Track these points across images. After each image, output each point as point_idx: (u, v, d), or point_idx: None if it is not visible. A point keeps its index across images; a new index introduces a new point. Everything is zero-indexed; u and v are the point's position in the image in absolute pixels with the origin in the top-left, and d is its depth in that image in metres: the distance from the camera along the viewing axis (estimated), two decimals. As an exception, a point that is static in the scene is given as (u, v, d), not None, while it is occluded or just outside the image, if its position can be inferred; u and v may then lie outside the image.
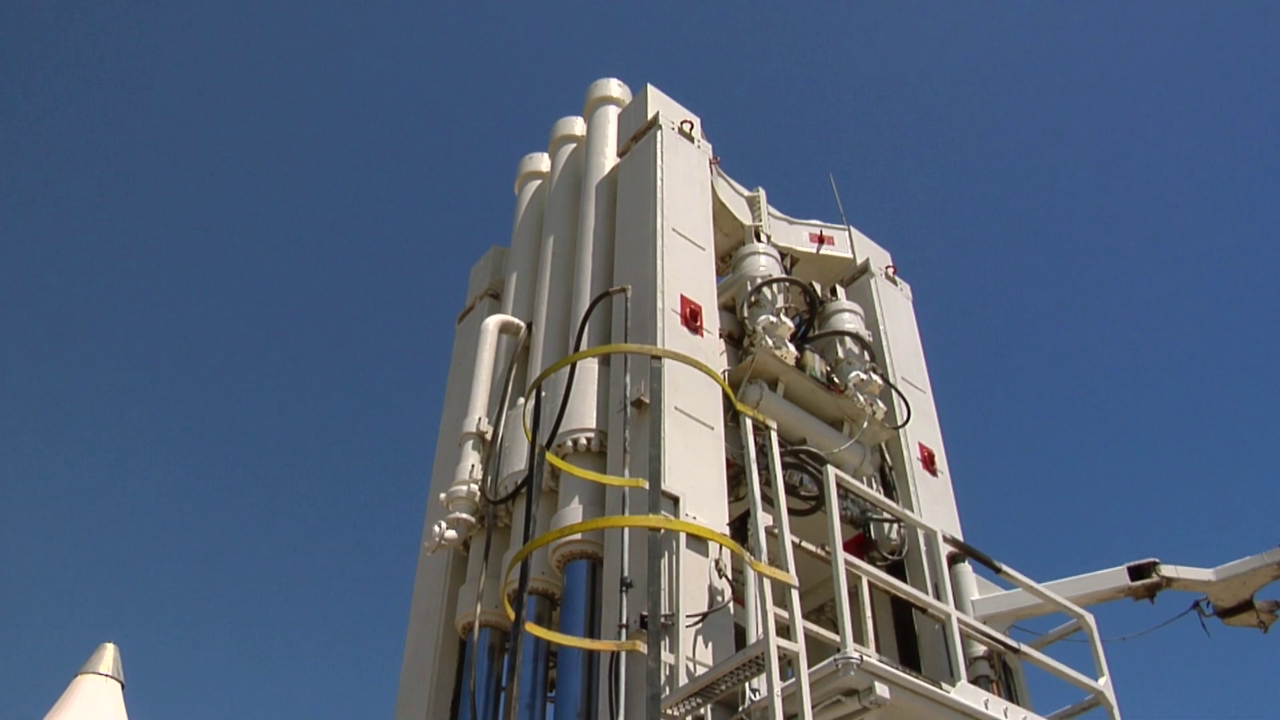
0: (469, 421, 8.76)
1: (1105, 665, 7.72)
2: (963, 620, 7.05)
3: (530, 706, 7.34)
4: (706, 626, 6.55)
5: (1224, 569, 8.12)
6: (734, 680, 5.90)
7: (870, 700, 5.85)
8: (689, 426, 7.45)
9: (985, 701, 6.57)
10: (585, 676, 6.94)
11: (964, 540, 8.62)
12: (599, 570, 7.23)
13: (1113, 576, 8.27)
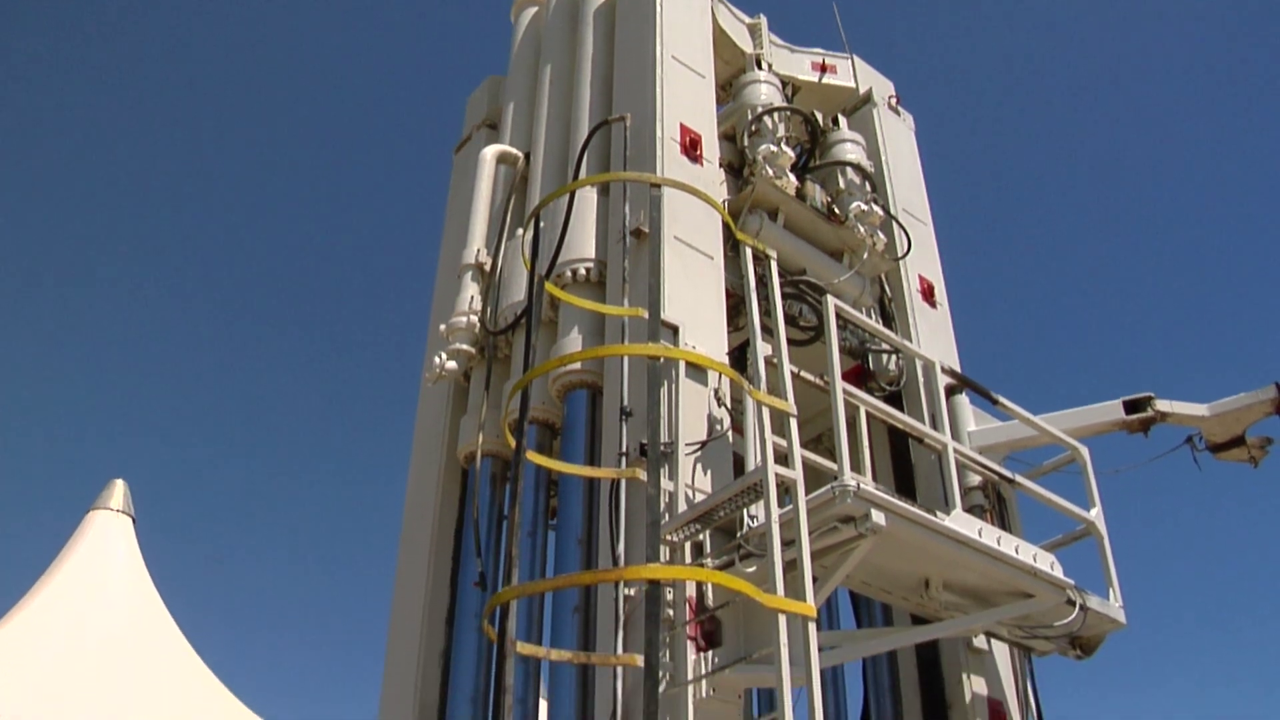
0: (468, 253, 8.71)
1: (1097, 497, 7.83)
2: (959, 450, 7.12)
3: (532, 534, 7.48)
4: (705, 455, 6.62)
5: (1218, 405, 8.19)
6: (732, 507, 5.99)
7: (866, 527, 5.94)
8: (688, 256, 7.40)
9: (979, 530, 6.68)
10: (586, 504, 7.05)
11: (962, 372, 8.66)
12: (599, 400, 7.29)
13: (1108, 410, 8.34)
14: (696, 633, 5.98)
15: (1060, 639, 7.50)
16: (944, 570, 6.77)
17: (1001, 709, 7.73)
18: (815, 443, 8.14)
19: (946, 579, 6.86)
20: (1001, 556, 6.72)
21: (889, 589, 6.87)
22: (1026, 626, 7.32)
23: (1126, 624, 7.45)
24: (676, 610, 6.01)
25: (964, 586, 6.97)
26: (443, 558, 8.16)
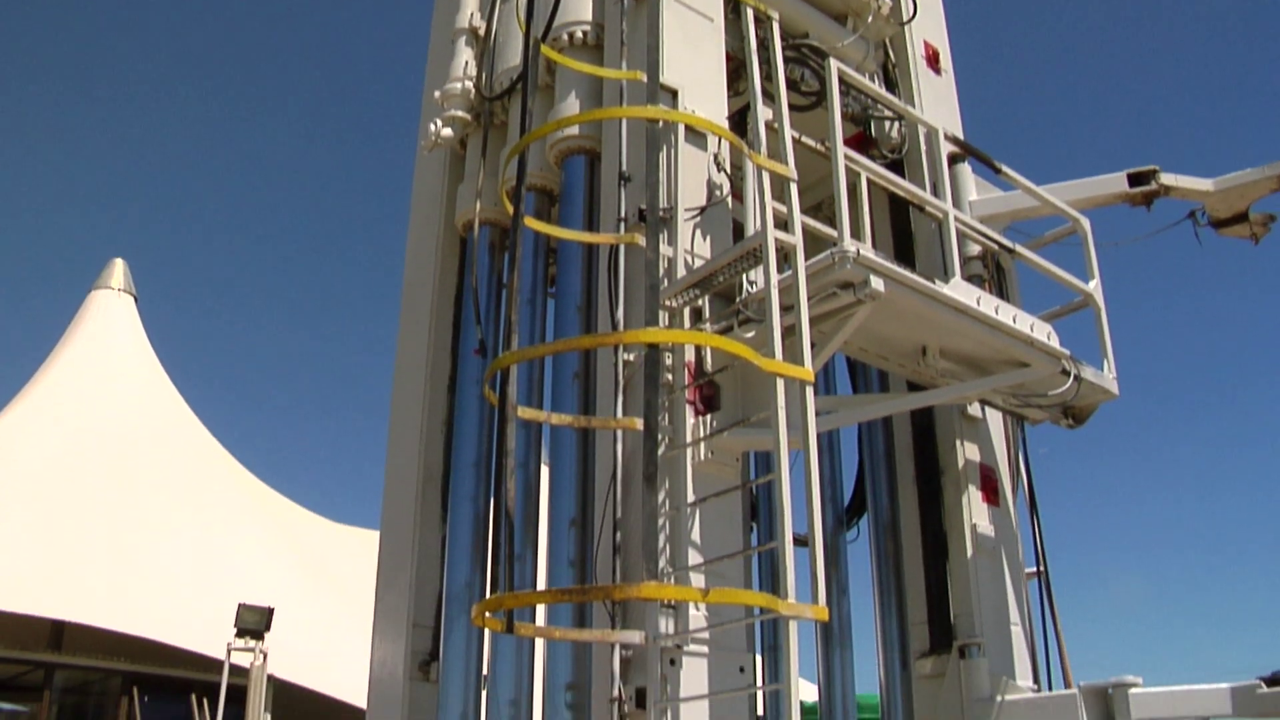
0: (461, 17, 8.44)
1: (1096, 269, 7.82)
2: (959, 218, 7.07)
3: (531, 302, 7.49)
4: (705, 221, 6.56)
5: (1223, 180, 8.09)
6: (732, 272, 5.97)
7: (865, 293, 5.94)
8: (687, 18, 7.17)
9: (977, 298, 6.69)
10: (584, 272, 7.04)
11: (965, 140, 8.51)
12: (597, 165, 7.19)
13: (1112, 182, 8.24)
14: (695, 397, 6.06)
15: (1053, 408, 7.61)
16: (941, 338, 6.81)
17: (993, 475, 7.91)
18: (815, 210, 8.08)
19: (943, 346, 6.91)
20: (999, 325, 6.76)
21: (886, 355, 6.93)
22: (1021, 395, 7.42)
23: (1119, 395, 7.56)
24: (675, 374, 6.07)
25: (961, 354, 7.03)
26: (443, 326, 8.20)
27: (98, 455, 23.80)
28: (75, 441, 24.00)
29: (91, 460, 23.56)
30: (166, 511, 23.34)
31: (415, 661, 7.49)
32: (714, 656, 5.69)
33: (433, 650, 7.47)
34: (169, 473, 24.71)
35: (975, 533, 7.51)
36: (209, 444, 27.86)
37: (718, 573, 5.71)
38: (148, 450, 24.92)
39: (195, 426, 27.91)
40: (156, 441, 25.48)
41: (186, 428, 27.52)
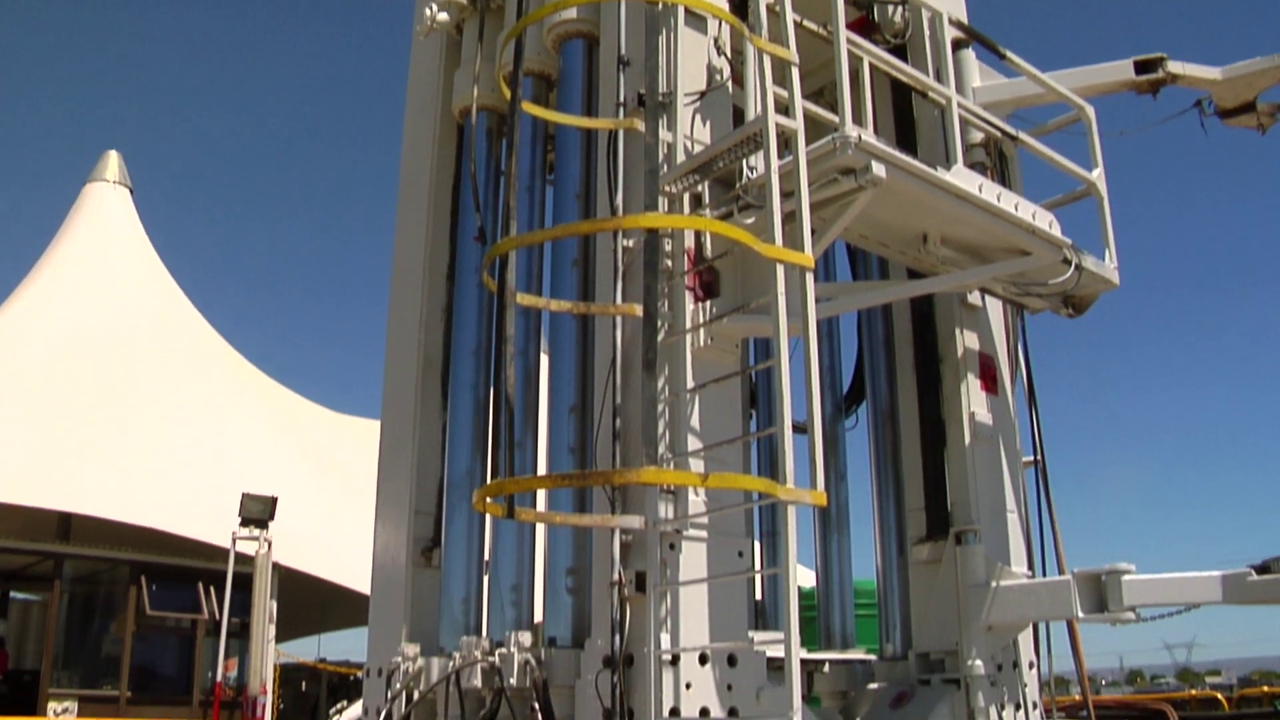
0: (454, -103, 8.24)
1: (1100, 157, 7.75)
2: (962, 104, 6.98)
3: (530, 189, 7.44)
4: (705, 106, 6.48)
5: (1231, 69, 7.97)
6: (732, 157, 5.90)
7: (866, 179, 5.89)
8: (688, -103, 6.99)
9: (979, 185, 6.64)
10: (583, 159, 6.97)
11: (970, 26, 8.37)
12: (595, 50, 7.07)
13: (1118, 70, 8.12)
14: (695, 283, 6.04)
15: (1054, 297, 7.60)
16: (942, 225, 6.77)
17: (992, 364, 7.92)
18: (817, 96, 7.96)
19: (945, 234, 6.87)
20: (1000, 213, 6.72)
21: (887, 243, 6.89)
22: (1021, 284, 7.40)
23: (1119, 285, 7.55)
24: (675, 260, 6.04)
25: (962, 242, 6.99)
26: (441, 213, 8.15)
27: (98, 349, 23.84)
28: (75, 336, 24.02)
29: (92, 354, 23.60)
30: (169, 404, 23.46)
31: (417, 548, 7.58)
32: (713, 541, 5.76)
33: (434, 536, 7.56)
34: (170, 366, 24.78)
35: (973, 421, 7.55)
36: (209, 336, 27.88)
37: (717, 458, 5.75)
38: (148, 343, 24.96)
39: (195, 319, 27.91)
40: (156, 334, 25.51)
41: (186, 320, 27.53)
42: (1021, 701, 7.32)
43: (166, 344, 25.48)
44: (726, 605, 5.73)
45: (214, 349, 27.62)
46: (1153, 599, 6.61)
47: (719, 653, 5.58)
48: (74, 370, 22.99)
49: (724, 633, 5.65)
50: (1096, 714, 10.21)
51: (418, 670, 6.80)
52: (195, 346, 26.70)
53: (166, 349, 25.28)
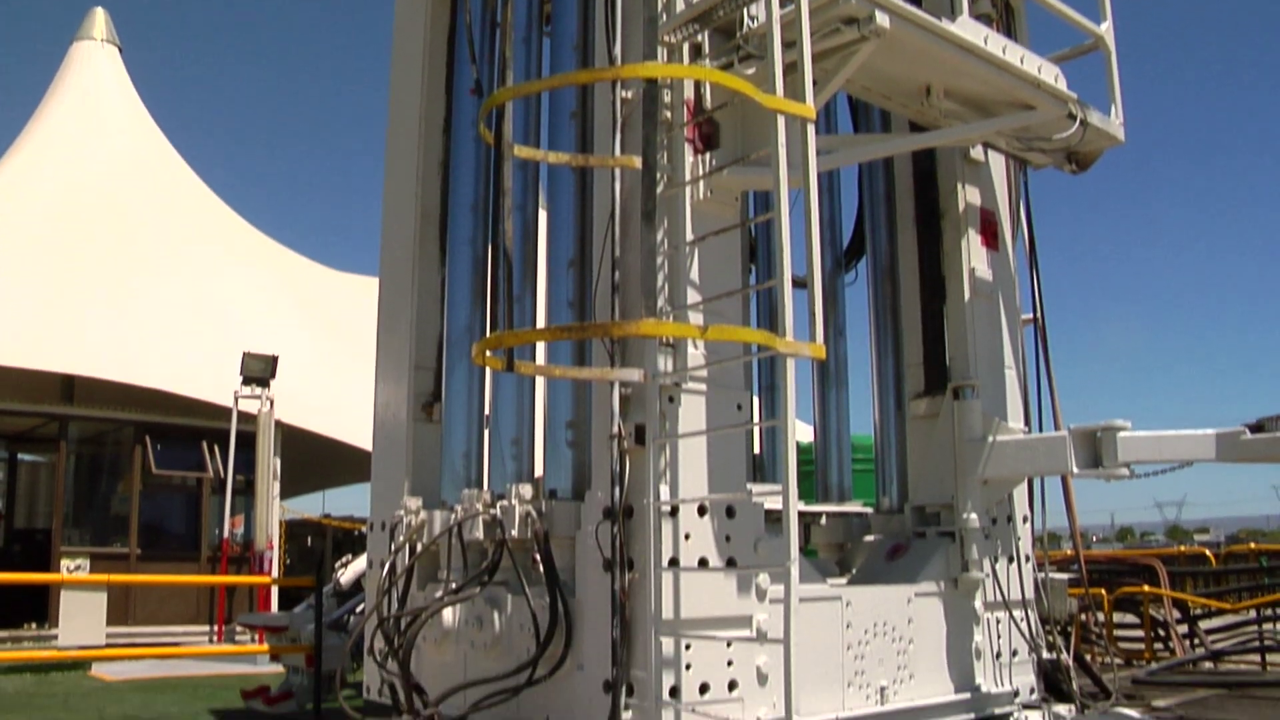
0: None
1: (1109, 11, 7.59)
2: (970, -49, 6.80)
3: (526, 40, 7.27)
4: (705, -48, 6.30)
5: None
6: (732, 6, 5.76)
7: (869, 29, 5.78)
8: None
9: (985, 37, 6.51)
10: (581, 7, 6.78)
11: None
12: (593, -106, 6.86)
13: (1130, -84, 7.90)
14: (694, 135, 5.96)
15: (1057, 152, 7.52)
16: (946, 78, 6.66)
17: (993, 219, 7.88)
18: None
19: (948, 86, 6.76)
20: (1005, 65, 6.60)
21: (889, 95, 6.79)
22: (1025, 138, 7.31)
23: (1124, 141, 7.45)
24: (674, 111, 5.94)
25: (965, 95, 6.89)
26: (436, 66, 7.98)
27: (93, 211, 23.64)
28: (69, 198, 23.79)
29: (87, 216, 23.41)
30: (167, 264, 23.37)
31: (418, 403, 7.63)
32: (712, 394, 5.79)
33: (435, 391, 7.60)
34: (166, 225, 24.60)
35: (973, 276, 7.54)
36: (205, 195, 27.63)
37: (716, 311, 5.75)
38: (143, 204, 24.74)
39: (190, 178, 27.63)
40: (151, 194, 25.27)
41: (181, 180, 27.24)
42: (1015, 554, 7.47)
43: (162, 204, 25.27)
44: (725, 457, 5.79)
45: (210, 208, 27.41)
46: (1147, 456, 6.68)
47: (717, 504, 5.66)
48: (70, 232, 22.85)
49: (722, 484, 5.72)
50: (1087, 568, 10.40)
51: (420, 523, 6.90)
52: (191, 206, 26.48)
53: (162, 209, 25.08)
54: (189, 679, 13.84)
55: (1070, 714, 7.08)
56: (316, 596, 10.00)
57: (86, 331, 20.15)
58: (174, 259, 23.68)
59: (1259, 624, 14.59)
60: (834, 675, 6.29)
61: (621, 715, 5.41)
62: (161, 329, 21.09)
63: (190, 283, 23.26)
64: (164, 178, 26.52)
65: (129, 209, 24.30)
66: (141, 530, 18.58)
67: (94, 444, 19.99)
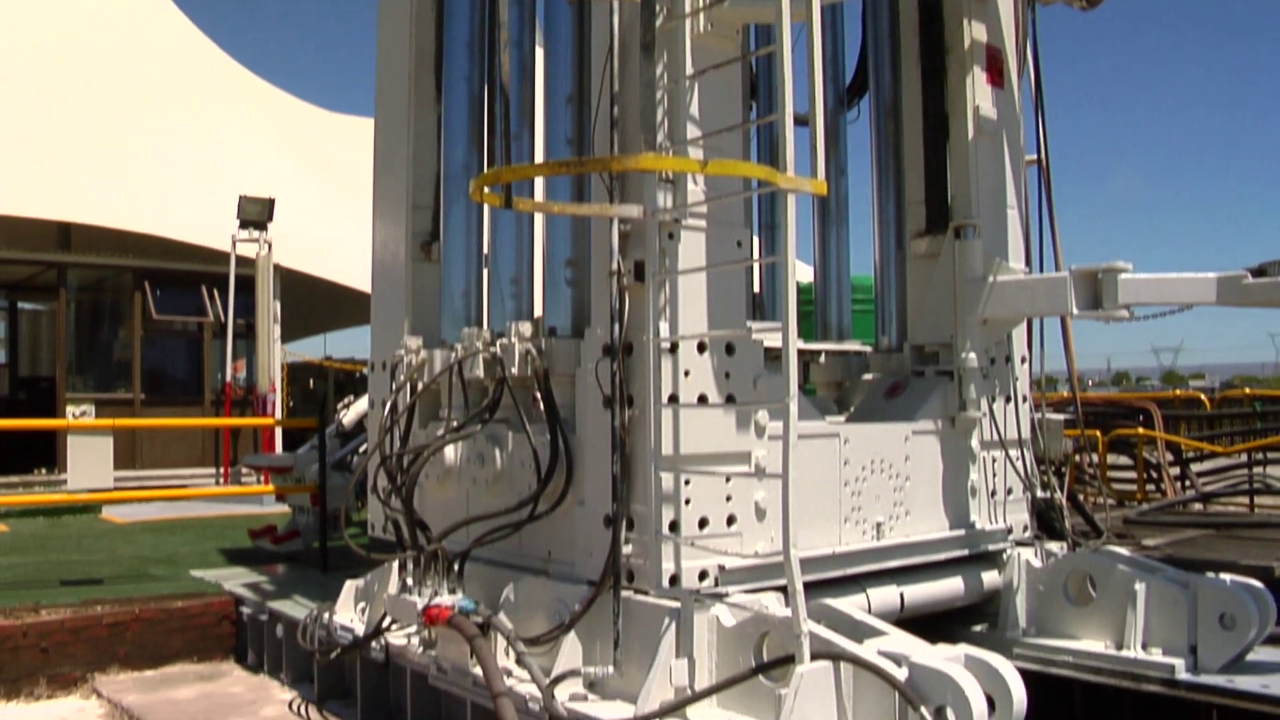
0: None
1: None
2: None
3: None
4: None
5: None
6: None
7: None
8: None
9: None
10: None
11: None
12: None
13: None
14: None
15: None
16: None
17: (999, 57, 7.70)
18: None
19: (957, -87, 6.56)
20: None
21: (896, -77, 6.59)
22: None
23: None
24: (673, -59, 5.76)
25: (974, -77, 6.69)
26: (428, -105, 7.73)
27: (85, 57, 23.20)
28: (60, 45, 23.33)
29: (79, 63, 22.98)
30: (160, 110, 23.05)
31: (416, 242, 7.59)
32: (712, 231, 5.75)
33: (433, 230, 7.55)
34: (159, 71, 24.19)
35: (977, 114, 7.41)
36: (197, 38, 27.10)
37: (716, 147, 5.66)
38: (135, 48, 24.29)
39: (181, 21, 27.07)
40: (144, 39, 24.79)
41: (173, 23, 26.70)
42: (1012, 394, 7.51)
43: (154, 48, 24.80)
44: (725, 294, 5.77)
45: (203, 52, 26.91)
46: (1147, 298, 6.66)
47: (717, 341, 5.67)
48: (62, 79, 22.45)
49: (722, 321, 5.72)
50: (1083, 410, 10.49)
51: (421, 362, 6.93)
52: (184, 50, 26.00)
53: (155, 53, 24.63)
54: (197, 520, 14.12)
55: (1062, 551, 7.20)
56: (320, 437, 10.12)
57: (82, 178, 19.99)
58: (168, 104, 23.34)
59: (1249, 467, 14.81)
60: (831, 511, 6.39)
61: (621, 549, 5.51)
62: (157, 174, 20.91)
63: (185, 127, 22.98)
64: (156, 22, 25.96)
65: (121, 54, 23.86)
66: (144, 376, 18.73)
67: (93, 291, 20.00)
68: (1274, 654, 6.35)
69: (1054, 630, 6.87)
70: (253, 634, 8.59)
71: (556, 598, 5.84)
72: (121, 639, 8.31)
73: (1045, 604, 6.97)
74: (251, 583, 9.24)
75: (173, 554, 11.20)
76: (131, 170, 20.70)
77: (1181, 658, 6.20)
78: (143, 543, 12.14)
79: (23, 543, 12.19)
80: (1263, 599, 6.20)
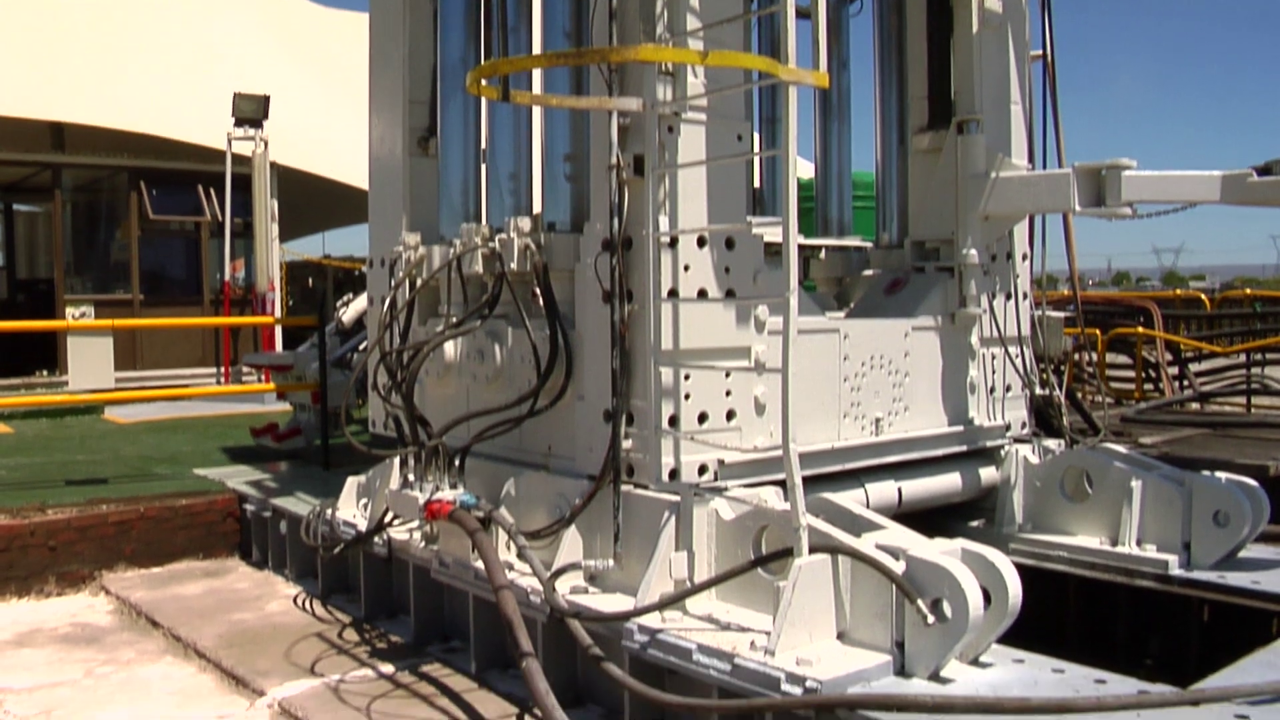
0: None
1: None
2: None
3: None
4: None
5: None
6: None
7: None
8: None
9: None
10: None
11: None
12: None
13: None
14: None
15: None
16: None
17: (1005, -53, 7.55)
18: None
19: None
20: None
21: None
22: None
23: None
24: None
25: None
26: None
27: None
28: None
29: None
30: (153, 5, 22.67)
31: (413, 138, 7.51)
32: (712, 124, 5.68)
33: (430, 125, 7.47)
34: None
35: (982, 7, 7.28)
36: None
37: (716, 39, 5.56)
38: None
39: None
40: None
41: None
42: (1012, 291, 7.49)
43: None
44: (725, 188, 5.72)
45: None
46: (1151, 195, 6.59)
47: (717, 235, 5.64)
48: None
49: (722, 215, 5.68)
50: (1083, 309, 10.48)
51: (419, 258, 6.89)
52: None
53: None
54: (199, 419, 14.20)
55: (1059, 449, 7.25)
56: (319, 335, 10.12)
57: (74, 77, 19.70)
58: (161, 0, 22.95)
59: (1248, 368, 14.85)
60: (830, 406, 6.41)
61: (621, 444, 5.54)
62: (150, 72, 20.61)
63: (177, 25, 22.60)
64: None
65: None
66: (143, 276, 18.66)
67: (89, 192, 19.83)
68: (1266, 551, 6.43)
69: (1050, 526, 6.94)
70: (257, 531, 8.68)
71: (557, 492, 5.89)
72: (128, 537, 8.40)
73: (1042, 500, 7.03)
74: (254, 480, 9.32)
75: (176, 453, 11.27)
76: (125, 68, 20.41)
77: (1175, 554, 6.27)
78: (145, 442, 12.21)
79: (27, 444, 12.27)
80: (1257, 497, 6.25)
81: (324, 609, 7.37)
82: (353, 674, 6.11)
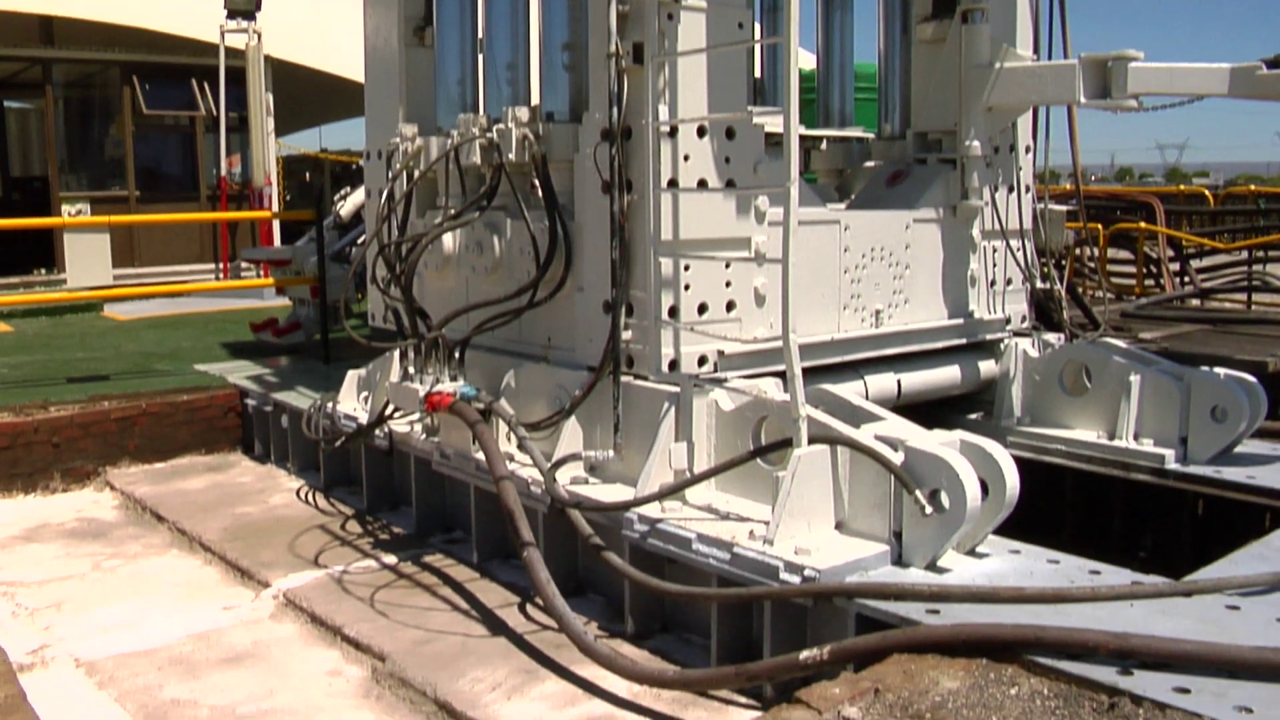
0: None
1: None
2: None
3: None
4: None
5: None
6: None
7: None
8: None
9: None
10: None
11: None
12: None
13: None
14: None
15: None
16: None
17: None
18: None
19: None
20: None
21: None
22: None
23: None
24: None
25: None
26: None
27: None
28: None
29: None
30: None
31: (409, 27, 7.39)
32: (712, 11, 5.57)
33: (426, 15, 7.34)
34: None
35: (990, -110, 7.10)
36: None
37: (718, -79, 5.44)
38: None
39: None
40: None
41: None
42: (1015, 184, 7.43)
43: None
44: (725, 77, 5.64)
45: None
46: (1157, 87, 6.50)
47: (717, 125, 5.57)
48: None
49: (722, 105, 5.60)
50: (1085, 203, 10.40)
51: (417, 150, 6.82)
52: None
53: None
54: (198, 315, 14.17)
55: (1059, 342, 7.24)
56: (317, 229, 10.06)
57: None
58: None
59: (1249, 265, 14.79)
60: (830, 298, 6.40)
61: (621, 335, 5.53)
62: (139, -37, 20.18)
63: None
64: None
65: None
66: (138, 172, 18.47)
67: (81, 87, 19.54)
68: (1262, 446, 6.46)
69: (1048, 419, 6.96)
70: (258, 425, 8.72)
71: (556, 384, 5.90)
72: (130, 433, 8.43)
73: (1040, 393, 7.04)
74: (255, 375, 9.33)
75: (176, 349, 11.27)
76: (113, -40, 19.97)
77: (1172, 449, 6.30)
78: (145, 339, 12.20)
79: (27, 342, 12.26)
80: (1254, 392, 6.25)
81: (326, 501, 7.44)
82: (356, 565, 6.18)
